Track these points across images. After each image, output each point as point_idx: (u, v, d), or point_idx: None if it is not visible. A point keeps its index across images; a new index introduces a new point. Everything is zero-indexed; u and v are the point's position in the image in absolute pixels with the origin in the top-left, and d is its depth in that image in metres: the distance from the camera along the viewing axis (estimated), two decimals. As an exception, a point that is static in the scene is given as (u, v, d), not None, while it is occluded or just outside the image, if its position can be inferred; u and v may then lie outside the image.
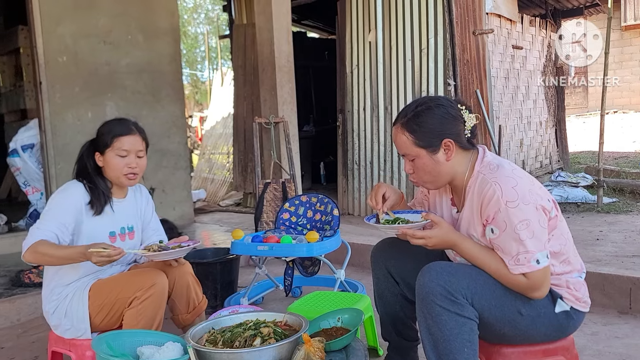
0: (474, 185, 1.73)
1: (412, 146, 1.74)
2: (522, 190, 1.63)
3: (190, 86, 22.66)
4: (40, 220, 2.08)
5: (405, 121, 1.75)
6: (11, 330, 3.12)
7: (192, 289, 2.25)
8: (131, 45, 5.12)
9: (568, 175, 6.70)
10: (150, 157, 5.48)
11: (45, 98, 4.63)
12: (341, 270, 2.93)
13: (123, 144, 2.16)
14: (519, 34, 6.71)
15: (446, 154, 1.73)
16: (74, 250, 1.97)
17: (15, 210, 5.74)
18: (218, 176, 8.49)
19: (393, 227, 1.79)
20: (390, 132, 5.25)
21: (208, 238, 4.91)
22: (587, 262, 3.24)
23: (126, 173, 2.17)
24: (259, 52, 5.29)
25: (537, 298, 1.67)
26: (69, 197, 2.12)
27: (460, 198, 1.81)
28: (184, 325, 2.26)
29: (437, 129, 1.72)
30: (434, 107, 1.74)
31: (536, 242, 1.61)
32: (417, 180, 1.81)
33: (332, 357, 1.77)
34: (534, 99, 7.08)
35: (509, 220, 1.61)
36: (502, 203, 1.62)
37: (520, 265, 1.62)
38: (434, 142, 1.72)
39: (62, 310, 2.10)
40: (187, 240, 2.21)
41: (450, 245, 1.73)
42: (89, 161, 2.20)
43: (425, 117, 1.72)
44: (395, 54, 5.20)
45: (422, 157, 1.74)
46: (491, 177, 1.68)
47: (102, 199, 2.17)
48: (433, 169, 1.75)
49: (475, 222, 1.73)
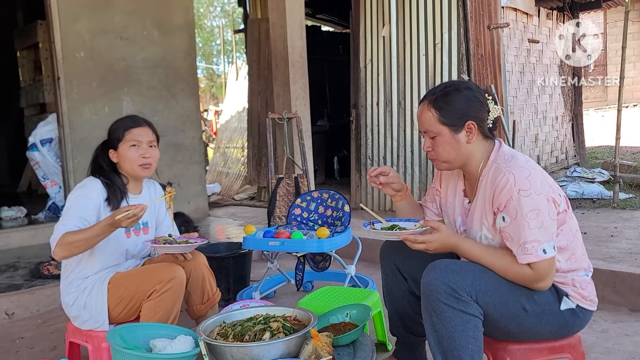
0: (487, 175, 1.77)
1: (436, 123, 1.78)
2: (535, 181, 1.67)
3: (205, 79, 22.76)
4: (63, 217, 2.14)
5: (433, 98, 1.80)
6: (31, 320, 3.20)
7: (207, 281, 2.30)
8: (147, 41, 5.18)
9: (584, 171, 6.64)
10: (165, 151, 5.56)
11: (63, 93, 4.71)
12: (352, 265, 2.96)
13: (134, 135, 2.23)
14: (535, 28, 6.64)
15: (467, 135, 1.78)
16: (99, 226, 2.00)
17: (35, 203, 5.86)
18: (233, 170, 8.56)
19: (394, 234, 1.82)
20: (403, 127, 5.25)
21: (222, 232, 4.97)
22: (599, 258, 3.25)
23: (141, 163, 2.22)
24: (273, 47, 5.31)
25: (541, 289, 1.69)
26: (87, 193, 2.17)
27: (473, 188, 1.85)
28: (198, 316, 2.31)
29: (463, 109, 1.77)
30: (463, 89, 1.80)
31: (544, 232, 1.64)
32: (434, 158, 1.86)
33: (340, 352, 1.80)
34: (550, 94, 7.00)
35: (520, 209, 1.65)
36: (515, 191, 1.66)
37: (528, 254, 1.65)
38: (458, 122, 1.77)
39: (82, 302, 2.16)
40: (196, 237, 2.27)
41: (451, 247, 1.76)
42: (104, 159, 2.26)
43: (453, 97, 1.78)
44: (409, 49, 5.19)
45: (444, 135, 1.78)
46: (505, 166, 1.72)
47: (118, 195, 2.22)
48: (452, 149, 1.79)
49: (487, 211, 1.76)
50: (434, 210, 2.07)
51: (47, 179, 5.18)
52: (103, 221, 2.01)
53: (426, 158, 5.07)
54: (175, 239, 2.24)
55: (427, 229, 1.77)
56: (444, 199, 2.02)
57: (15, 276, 3.63)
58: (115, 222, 1.96)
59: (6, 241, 4.56)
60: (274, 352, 1.66)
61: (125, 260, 2.29)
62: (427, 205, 2.09)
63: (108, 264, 2.22)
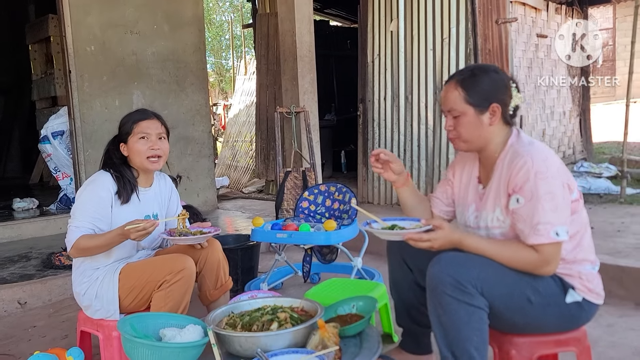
0: (505, 158, 1.80)
1: (462, 102, 1.81)
2: (552, 165, 1.70)
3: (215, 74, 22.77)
4: (74, 216, 2.18)
5: (461, 78, 1.83)
6: (43, 309, 3.25)
7: (221, 267, 2.34)
8: (157, 35, 5.22)
9: (591, 166, 6.61)
10: (174, 144, 5.60)
11: (75, 86, 4.75)
12: (358, 258, 2.98)
13: (142, 127, 2.26)
14: (544, 22, 6.61)
15: (490, 118, 1.81)
16: (111, 235, 2.09)
17: (47, 195, 5.94)
18: (241, 163, 8.60)
19: (397, 233, 1.82)
20: (410, 121, 5.25)
21: (230, 224, 5.01)
22: (606, 253, 3.26)
23: (149, 155, 2.25)
24: (281, 42, 5.33)
25: (546, 274, 1.71)
26: (97, 190, 2.20)
27: (488, 174, 1.87)
28: (211, 301, 2.35)
29: (490, 91, 1.80)
30: (491, 72, 1.84)
31: (558, 215, 1.67)
32: (455, 137, 1.88)
33: (347, 343, 1.82)
34: (557, 89, 6.97)
35: (536, 190, 1.67)
36: (532, 173, 1.68)
37: (539, 235, 1.67)
38: (483, 103, 1.80)
39: (93, 292, 2.20)
40: (209, 227, 2.31)
41: (456, 243, 1.76)
42: (115, 153, 2.30)
43: (481, 78, 1.81)
44: (417, 44, 5.19)
45: (468, 115, 1.81)
46: (523, 150, 1.75)
47: (128, 188, 2.25)
48: (474, 129, 1.82)
49: (501, 194, 1.79)
50: (445, 201, 2.07)
51: (58, 171, 5.24)
52: (114, 231, 2.09)
53: (433, 152, 5.08)
54: (190, 230, 2.27)
55: (430, 227, 1.77)
56: (457, 189, 2.03)
57: (27, 266, 3.70)
58: (125, 232, 2.03)
59: (19, 232, 4.63)
60: (281, 342, 1.69)
61: (137, 252, 2.34)
62: (437, 196, 2.10)
63: (120, 256, 2.26)
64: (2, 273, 3.55)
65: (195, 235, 2.23)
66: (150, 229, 2.03)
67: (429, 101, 5.10)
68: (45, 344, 2.72)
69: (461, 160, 2.05)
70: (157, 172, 2.43)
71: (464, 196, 1.99)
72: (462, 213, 2.00)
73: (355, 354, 1.74)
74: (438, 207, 2.09)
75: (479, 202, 1.90)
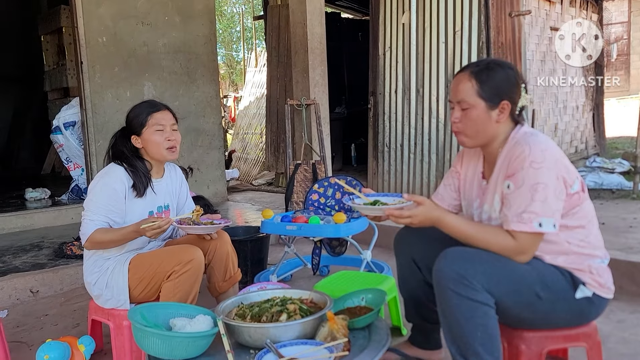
0: (506, 149, 1.78)
1: (473, 95, 1.78)
2: (550, 157, 1.68)
3: (225, 66, 22.79)
4: (88, 209, 2.19)
5: (477, 70, 1.80)
6: (54, 298, 3.29)
7: (230, 259, 2.35)
8: (168, 27, 5.22)
9: (604, 161, 6.55)
10: (185, 136, 5.61)
11: (86, 77, 4.78)
12: (368, 251, 2.98)
13: (158, 119, 2.26)
14: (558, 15, 6.53)
15: (499, 115, 1.78)
16: (126, 231, 2.11)
17: (59, 185, 5.99)
18: (251, 156, 8.62)
19: (379, 209, 1.81)
20: (421, 115, 5.23)
21: (240, 216, 5.03)
22: (618, 249, 3.23)
23: (168, 147, 2.26)
24: (292, 34, 5.31)
25: (521, 262, 1.70)
26: (111, 183, 2.20)
27: (492, 168, 1.85)
28: (219, 292, 2.37)
29: (503, 87, 1.78)
30: (507, 68, 1.81)
31: (546, 207, 1.65)
32: (459, 131, 1.84)
33: (355, 335, 1.82)
34: (570, 82, 6.90)
35: (527, 179, 1.66)
36: (527, 162, 1.67)
37: (522, 223, 1.65)
38: (495, 99, 1.77)
39: (104, 281, 2.22)
40: (219, 218, 2.31)
41: (434, 221, 1.76)
42: (125, 145, 2.29)
43: (496, 73, 1.78)
44: (429, 36, 5.15)
45: (478, 109, 1.78)
46: (524, 140, 1.74)
47: (144, 181, 2.26)
48: (481, 124, 1.79)
49: (499, 183, 1.78)
50: (452, 194, 2.05)
51: (70, 161, 5.28)
52: (130, 227, 2.10)
53: (444, 146, 5.06)
54: (201, 220, 2.28)
55: (411, 203, 1.77)
56: (462, 181, 2.01)
57: (39, 255, 3.73)
58: (140, 231, 2.06)
59: (31, 222, 4.67)
60: (290, 333, 1.70)
61: (148, 242, 2.35)
62: (442, 194, 2.07)
63: (131, 247, 2.28)
64: (15, 262, 3.59)
65: (206, 225, 2.24)
66: (165, 227, 2.05)
67: (441, 94, 5.07)
68: (57, 332, 2.76)
69: (468, 152, 2.03)
70: (167, 163, 2.43)
71: (469, 190, 1.97)
72: (467, 207, 1.99)
73: (363, 346, 1.74)
74: (447, 202, 2.06)
75: (482, 197, 1.89)
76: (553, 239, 1.73)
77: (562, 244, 1.74)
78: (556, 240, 1.73)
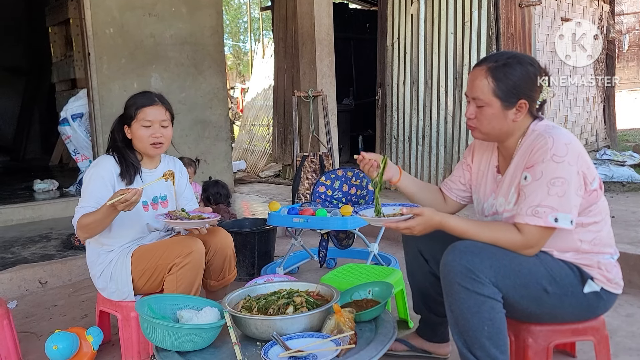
0: (526, 142, 1.73)
1: (489, 93, 1.71)
2: (573, 151, 1.63)
3: (232, 57, 22.77)
4: (81, 199, 2.20)
5: (494, 66, 1.70)
6: (63, 289, 3.31)
7: (227, 263, 2.35)
8: (175, 18, 5.21)
9: (614, 154, 6.48)
10: (192, 128, 5.61)
11: (94, 69, 4.78)
12: (375, 243, 2.97)
13: (146, 114, 2.24)
14: (568, 6, 6.45)
15: (516, 114, 1.72)
16: (103, 209, 2.04)
17: (66, 177, 6.02)
18: (258, 147, 8.62)
19: (379, 220, 1.78)
20: (429, 107, 5.20)
21: (247, 208, 5.03)
22: (628, 243, 3.20)
23: (151, 143, 2.25)
24: (299, 25, 5.28)
25: (528, 255, 1.67)
26: (100, 172, 2.21)
27: (507, 162, 1.81)
28: (208, 290, 2.39)
29: (521, 86, 1.70)
30: (526, 64, 1.71)
31: (563, 202, 1.60)
32: (474, 126, 1.79)
33: (362, 328, 1.82)
34: (581, 74, 6.83)
35: (547, 172, 1.61)
36: (549, 154, 1.62)
37: (536, 217, 1.62)
38: (512, 98, 1.70)
39: (108, 274, 2.23)
40: (210, 212, 2.28)
41: (436, 226, 1.73)
42: (119, 135, 2.30)
43: (514, 70, 1.69)
44: (437, 27, 5.10)
45: (493, 108, 1.72)
46: (546, 132, 1.68)
47: (131, 170, 2.26)
48: (497, 123, 1.74)
49: (517, 175, 1.73)
50: (461, 187, 2.03)
51: (77, 153, 5.30)
52: (104, 206, 2.04)
53: (452, 138, 5.03)
54: (189, 214, 2.24)
55: (411, 216, 1.72)
56: (474, 175, 1.98)
57: (48, 246, 3.76)
58: (111, 207, 2.01)
59: (39, 213, 4.70)
60: (296, 325, 1.70)
61: (149, 233, 2.34)
62: (450, 185, 2.05)
63: (131, 237, 2.28)
64: (24, 253, 3.62)
65: (193, 220, 2.19)
66: (132, 199, 1.98)
67: (449, 86, 5.03)
68: (65, 323, 2.77)
69: (480, 146, 1.98)
70: (165, 155, 2.43)
71: (482, 184, 1.94)
72: (478, 201, 1.96)
73: (370, 339, 1.74)
74: (455, 193, 2.05)
75: (497, 190, 1.85)
76: (564, 235, 1.70)
77: (575, 241, 1.71)
78: (568, 236, 1.71)
